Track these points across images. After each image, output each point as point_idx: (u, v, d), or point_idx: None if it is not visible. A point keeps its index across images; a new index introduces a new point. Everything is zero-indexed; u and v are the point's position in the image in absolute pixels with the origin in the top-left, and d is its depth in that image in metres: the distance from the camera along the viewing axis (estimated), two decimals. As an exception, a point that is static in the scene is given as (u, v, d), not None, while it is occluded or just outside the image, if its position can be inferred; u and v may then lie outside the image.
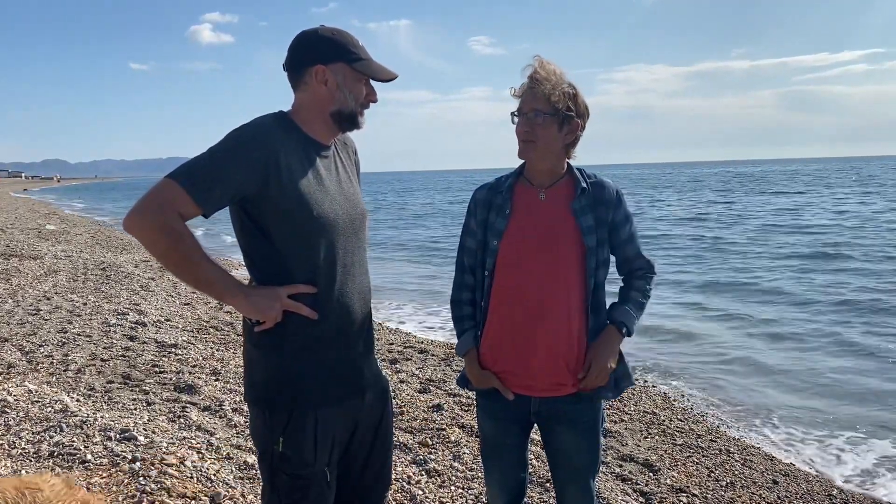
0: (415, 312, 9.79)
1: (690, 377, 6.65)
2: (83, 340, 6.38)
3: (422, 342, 7.38)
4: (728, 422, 5.37)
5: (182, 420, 4.31)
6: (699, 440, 4.78)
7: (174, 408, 4.57)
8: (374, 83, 1.98)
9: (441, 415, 4.79)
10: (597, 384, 2.15)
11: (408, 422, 4.64)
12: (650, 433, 4.84)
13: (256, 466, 3.51)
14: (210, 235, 17.33)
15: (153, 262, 11.70)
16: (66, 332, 6.65)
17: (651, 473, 4.12)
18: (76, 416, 4.08)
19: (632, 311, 2.19)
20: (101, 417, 4.12)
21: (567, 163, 2.19)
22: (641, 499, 3.79)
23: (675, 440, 4.75)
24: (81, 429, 3.87)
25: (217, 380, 5.34)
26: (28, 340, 6.25)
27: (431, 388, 5.49)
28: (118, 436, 3.79)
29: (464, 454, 4.10)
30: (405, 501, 3.47)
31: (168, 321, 7.45)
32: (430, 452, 4.13)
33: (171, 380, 5.23)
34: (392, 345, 7.10)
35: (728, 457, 4.54)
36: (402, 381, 5.62)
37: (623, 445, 4.52)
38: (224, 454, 3.77)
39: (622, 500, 3.71)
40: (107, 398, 4.74)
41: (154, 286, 9.70)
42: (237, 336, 6.92)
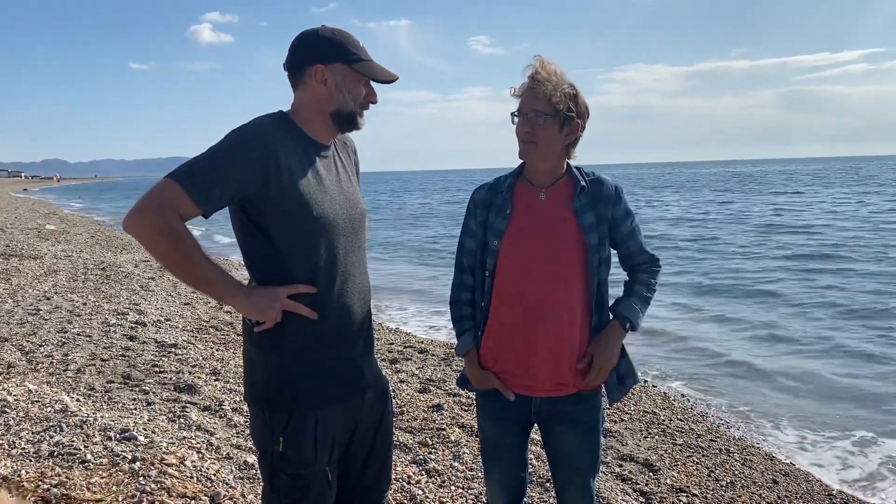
0: (414, 312, 9.79)
1: (690, 377, 6.65)
2: (83, 340, 6.38)
3: (422, 342, 7.37)
4: (728, 422, 5.37)
5: (182, 420, 4.31)
6: (699, 440, 4.79)
7: (174, 408, 4.57)
8: (375, 84, 1.98)
9: (441, 414, 4.79)
10: (598, 381, 2.14)
11: (408, 421, 4.64)
12: (650, 433, 4.84)
13: (256, 466, 3.51)
14: (204, 237, 17.34)
15: (153, 262, 11.70)
16: (66, 332, 6.65)
17: (651, 473, 4.12)
18: (76, 416, 4.07)
19: (636, 306, 2.15)
20: (101, 417, 4.12)
21: (567, 163, 2.19)
22: (641, 498, 3.79)
23: (675, 440, 4.75)
24: (81, 428, 3.87)
25: (217, 380, 5.34)
26: (28, 340, 6.25)
27: (431, 388, 5.49)
28: (118, 436, 3.79)
29: (464, 454, 4.10)
30: (405, 501, 3.47)
31: (168, 321, 7.46)
32: (430, 452, 4.13)
33: (171, 380, 5.23)
34: (392, 345, 7.10)
35: (728, 456, 4.54)
36: (402, 381, 5.62)
37: (623, 445, 4.53)
38: (224, 454, 3.77)
39: (622, 500, 3.71)
40: (107, 398, 4.74)
41: (154, 286, 9.70)
42: (237, 336, 6.92)
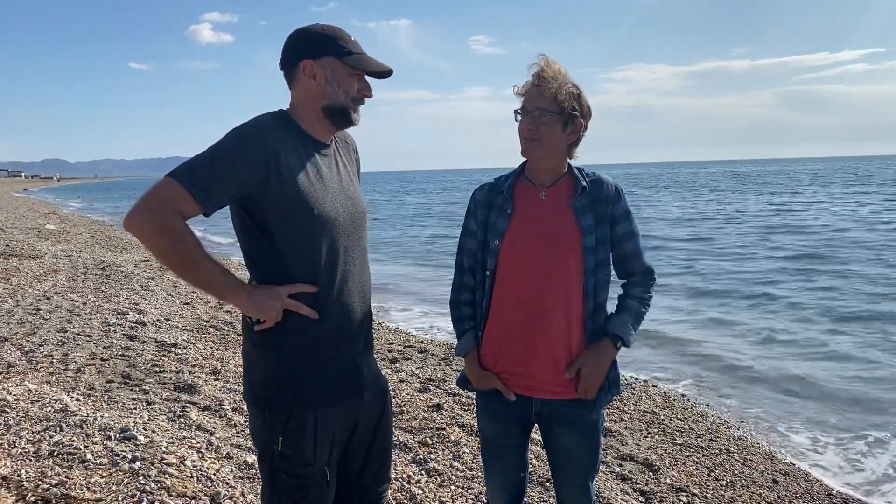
0: (414, 312, 9.79)
1: (690, 377, 6.65)
2: (83, 340, 6.38)
3: (422, 342, 7.37)
4: (728, 421, 5.37)
5: (182, 419, 4.31)
6: (699, 440, 4.78)
7: (174, 407, 4.57)
8: (372, 79, 1.97)
9: (441, 414, 4.79)
10: (588, 396, 2.11)
11: (408, 421, 4.63)
12: (650, 433, 4.84)
13: (256, 466, 3.51)
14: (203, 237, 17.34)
15: (153, 262, 11.70)
16: (66, 332, 6.65)
17: (651, 473, 4.12)
18: (76, 416, 4.07)
19: (629, 322, 2.13)
20: (101, 417, 4.12)
21: (568, 162, 2.19)
22: (641, 498, 3.79)
23: (675, 440, 4.75)
24: (81, 428, 3.87)
25: (217, 379, 5.34)
26: (28, 340, 6.25)
27: (431, 388, 5.49)
28: (118, 435, 3.79)
29: (464, 454, 4.10)
30: (405, 501, 3.47)
31: (168, 321, 7.45)
32: (430, 452, 4.13)
33: (171, 379, 5.23)
34: (392, 344, 7.10)
35: (728, 456, 4.54)
36: (402, 381, 5.62)
37: (623, 445, 4.52)
38: (224, 454, 3.77)
39: (622, 500, 3.71)
40: (106, 398, 4.74)
41: (154, 286, 9.70)
42: (237, 335, 6.92)
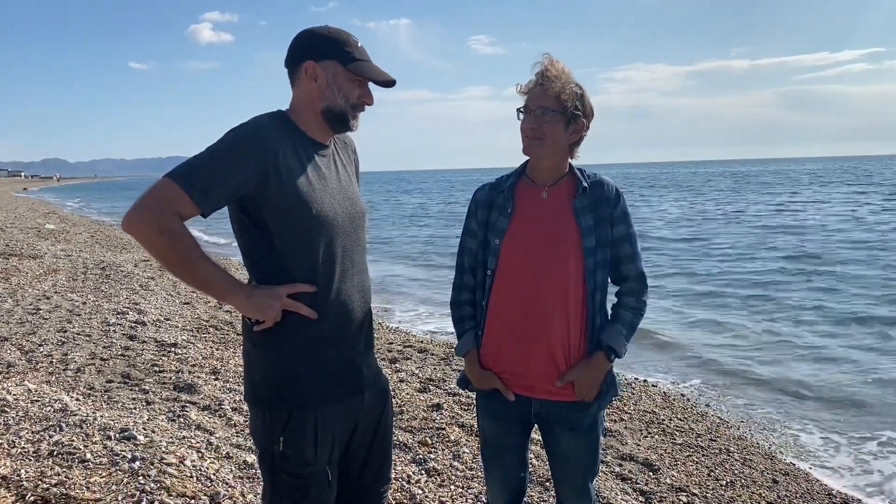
0: (414, 312, 9.79)
1: (690, 377, 6.66)
2: (83, 340, 6.38)
3: (421, 341, 7.37)
4: (728, 421, 5.37)
5: (182, 419, 4.31)
6: (699, 439, 4.78)
7: (174, 407, 4.57)
8: (373, 87, 1.97)
9: (441, 414, 4.79)
10: (585, 399, 2.14)
11: (407, 421, 4.63)
12: (650, 432, 4.84)
13: (256, 466, 3.51)
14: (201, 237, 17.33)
15: (153, 262, 11.70)
16: (66, 332, 6.64)
17: (651, 473, 4.12)
18: (76, 416, 4.07)
19: (622, 333, 2.13)
20: (101, 417, 4.11)
21: (569, 162, 2.18)
22: (641, 498, 3.79)
23: (675, 439, 4.75)
24: (81, 428, 3.87)
25: (217, 379, 5.33)
26: (27, 340, 6.25)
27: (431, 388, 5.49)
28: (118, 435, 3.78)
29: (463, 453, 4.10)
30: (405, 500, 3.47)
31: (167, 320, 7.45)
32: (430, 452, 4.13)
33: (171, 379, 5.23)
34: (392, 344, 7.10)
35: (728, 456, 4.53)
36: (402, 381, 5.62)
37: (623, 445, 4.52)
38: (224, 453, 3.77)
39: (622, 500, 3.71)
40: (106, 397, 4.74)
41: (154, 285, 9.70)
42: (237, 335, 6.92)
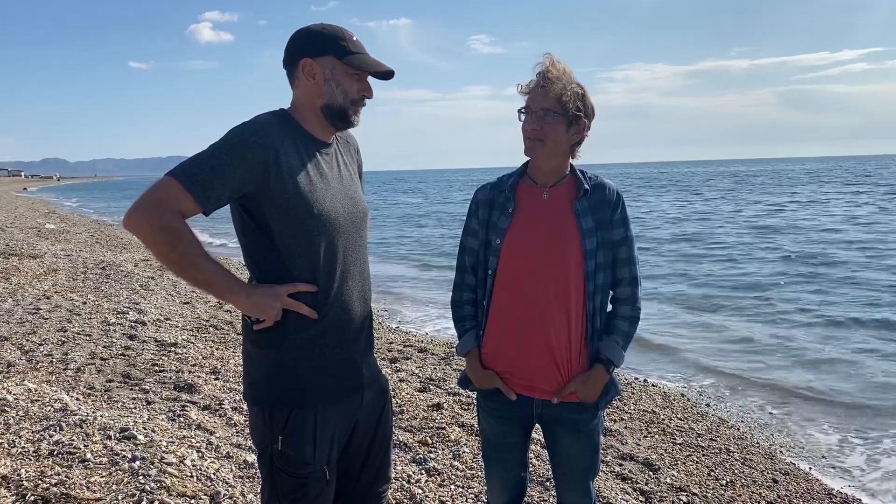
0: (414, 311, 9.79)
1: (690, 377, 6.66)
2: (83, 339, 6.38)
3: (422, 341, 7.37)
4: (728, 421, 5.36)
5: (182, 419, 4.31)
6: (699, 439, 4.78)
7: (174, 407, 4.57)
8: (373, 80, 1.97)
9: (441, 414, 4.79)
10: (586, 400, 2.16)
11: (408, 421, 4.63)
12: (650, 432, 4.84)
13: (256, 465, 3.50)
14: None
15: (153, 261, 11.70)
16: (66, 331, 6.64)
17: (651, 472, 4.12)
18: (76, 415, 4.07)
19: (619, 344, 2.14)
20: (101, 416, 4.11)
21: (570, 163, 2.18)
22: (641, 497, 3.79)
23: (675, 439, 4.75)
24: (81, 427, 3.86)
25: (217, 378, 5.33)
26: (28, 339, 6.24)
27: (431, 387, 5.49)
28: (118, 434, 3.78)
29: (464, 453, 4.10)
30: (405, 500, 3.47)
31: (168, 320, 7.45)
32: (430, 451, 4.13)
33: (171, 378, 5.23)
34: (392, 344, 7.10)
35: (728, 456, 4.53)
36: (402, 381, 5.62)
37: (623, 444, 4.52)
38: (224, 453, 3.77)
39: (622, 500, 3.71)
40: (106, 397, 4.74)
41: (154, 285, 9.70)
42: (237, 335, 6.92)
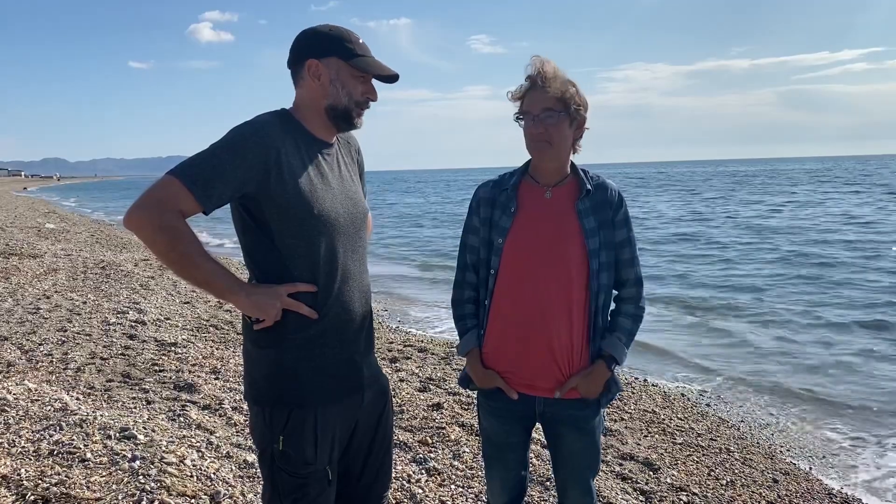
0: (414, 311, 9.79)
1: (690, 377, 6.66)
2: (83, 339, 6.38)
3: (422, 341, 7.37)
4: (728, 421, 5.37)
5: (182, 419, 4.31)
6: (699, 439, 4.78)
7: (174, 406, 4.57)
8: (376, 83, 1.97)
9: (441, 413, 4.79)
10: (589, 397, 2.16)
11: (408, 420, 4.63)
12: (650, 432, 4.84)
13: (256, 465, 3.50)
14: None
15: (153, 261, 11.69)
16: (66, 331, 6.64)
17: (651, 472, 4.12)
18: (76, 415, 4.07)
19: (622, 341, 2.15)
20: (101, 416, 4.11)
21: (571, 161, 2.18)
22: (641, 497, 3.79)
23: (675, 439, 4.75)
24: (81, 427, 3.86)
25: (217, 378, 5.33)
26: (28, 339, 6.24)
27: (431, 387, 5.49)
28: (118, 434, 3.78)
29: (464, 453, 4.10)
30: (405, 500, 3.47)
31: (168, 320, 7.45)
32: (430, 451, 4.13)
33: (171, 378, 5.23)
34: (392, 343, 7.10)
35: (728, 455, 4.53)
36: (402, 380, 5.62)
37: (623, 444, 4.52)
38: (224, 453, 3.77)
39: (622, 499, 3.71)
40: (106, 397, 4.74)
41: (154, 285, 9.69)
42: (237, 335, 6.92)
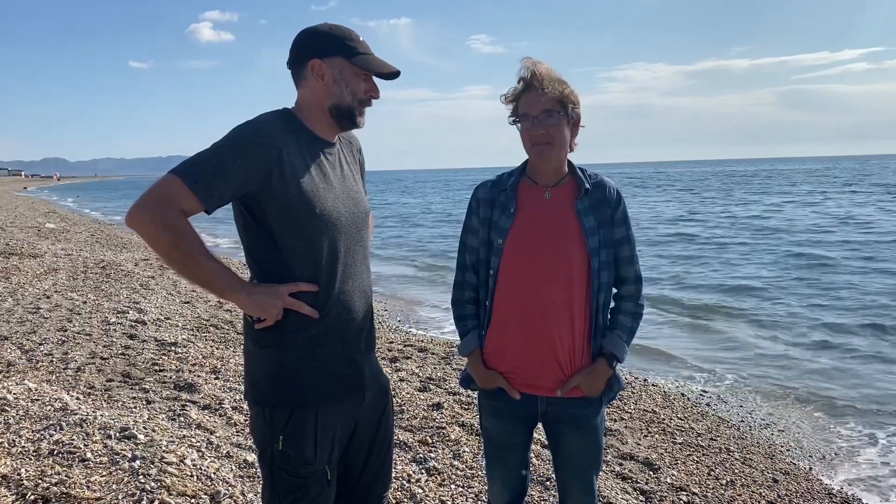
0: (414, 311, 9.79)
1: (690, 377, 6.66)
2: (83, 339, 6.38)
3: (422, 341, 7.37)
4: (728, 420, 5.37)
5: (182, 418, 4.31)
6: (699, 439, 4.78)
7: (174, 406, 4.57)
8: (376, 80, 1.97)
9: (441, 413, 4.79)
10: (591, 395, 2.17)
11: (408, 420, 4.63)
12: (650, 432, 4.84)
13: (256, 465, 3.50)
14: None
15: (153, 261, 11.70)
16: (66, 331, 6.64)
17: (651, 472, 4.12)
18: (76, 415, 4.07)
19: (623, 339, 2.15)
20: (101, 416, 4.11)
21: (569, 161, 2.18)
22: (641, 497, 3.79)
23: (675, 439, 4.75)
24: (81, 427, 3.87)
25: (217, 378, 5.33)
26: (28, 339, 6.24)
27: (431, 387, 5.49)
28: (118, 434, 3.78)
29: (464, 453, 4.10)
30: (405, 500, 3.47)
31: (168, 319, 7.45)
32: (430, 451, 4.13)
33: (171, 378, 5.23)
34: (392, 343, 7.10)
35: (728, 455, 4.54)
36: (402, 380, 5.62)
37: (623, 444, 4.52)
38: (224, 452, 3.77)
39: (622, 499, 3.71)
40: (106, 396, 4.74)
41: (154, 284, 9.70)
42: (237, 334, 6.92)
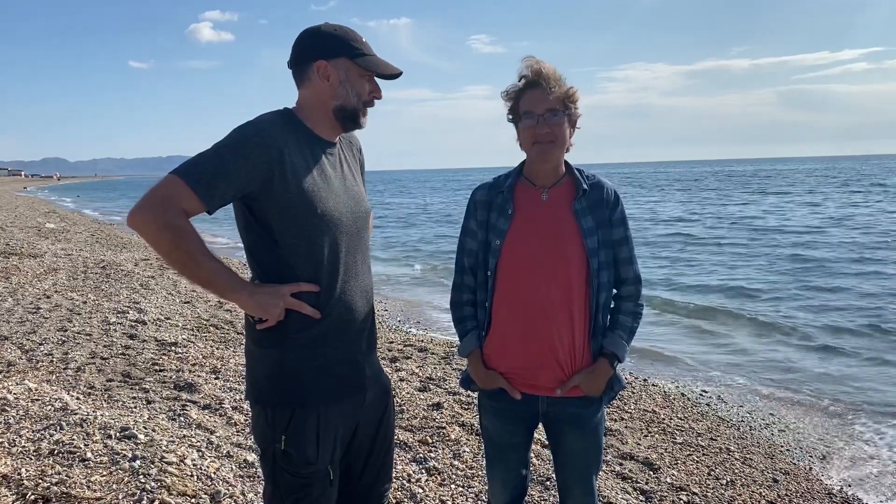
0: (414, 311, 9.79)
1: (690, 377, 6.66)
2: (83, 339, 6.38)
3: (422, 340, 7.37)
4: (728, 420, 5.37)
5: (182, 418, 4.31)
6: (699, 439, 4.79)
7: (174, 406, 4.57)
8: (379, 81, 1.98)
9: (441, 413, 4.79)
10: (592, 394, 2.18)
11: (408, 420, 4.64)
12: (650, 432, 4.84)
13: (256, 465, 3.51)
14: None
15: (153, 261, 11.70)
16: (66, 331, 6.64)
17: (651, 472, 4.12)
18: (76, 415, 4.07)
19: (623, 339, 2.16)
20: (101, 416, 4.11)
21: (566, 161, 2.18)
22: (642, 497, 3.79)
23: (675, 439, 4.75)
24: (81, 427, 3.87)
25: (217, 378, 5.34)
26: (28, 339, 6.24)
27: (431, 387, 5.49)
28: (118, 434, 3.79)
29: (464, 452, 4.10)
30: (405, 499, 3.47)
31: (168, 319, 7.45)
32: (431, 451, 4.13)
33: (171, 378, 5.23)
34: (392, 343, 7.10)
35: (728, 455, 4.54)
36: (403, 380, 5.62)
37: (623, 444, 4.53)
38: (224, 452, 3.77)
39: (622, 499, 3.71)
40: (107, 396, 4.74)
41: (154, 284, 9.70)
42: (237, 334, 6.92)
